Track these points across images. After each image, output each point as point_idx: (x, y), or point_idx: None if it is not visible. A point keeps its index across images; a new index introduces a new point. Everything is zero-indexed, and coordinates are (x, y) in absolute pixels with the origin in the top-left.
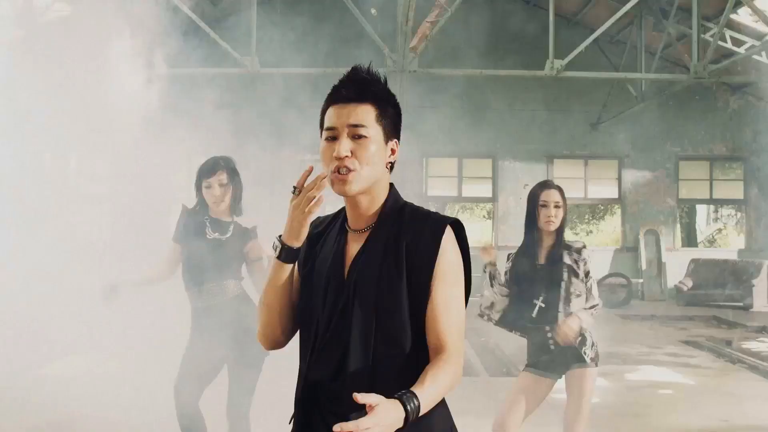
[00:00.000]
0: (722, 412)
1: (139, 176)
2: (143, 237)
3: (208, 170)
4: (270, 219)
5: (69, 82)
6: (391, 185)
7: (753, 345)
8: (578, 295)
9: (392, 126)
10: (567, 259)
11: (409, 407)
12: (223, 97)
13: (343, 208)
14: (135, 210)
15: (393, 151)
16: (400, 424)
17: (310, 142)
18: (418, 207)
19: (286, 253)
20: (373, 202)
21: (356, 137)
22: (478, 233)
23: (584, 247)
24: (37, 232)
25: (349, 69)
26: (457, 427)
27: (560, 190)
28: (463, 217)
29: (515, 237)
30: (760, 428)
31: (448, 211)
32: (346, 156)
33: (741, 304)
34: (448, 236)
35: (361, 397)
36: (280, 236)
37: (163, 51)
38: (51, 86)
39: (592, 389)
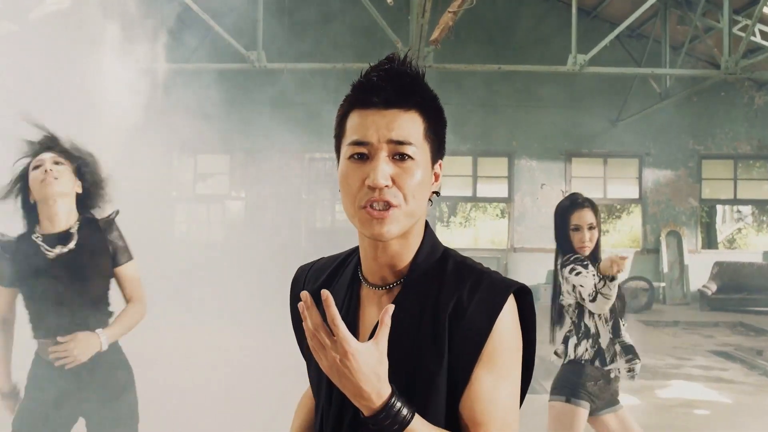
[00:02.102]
0: None
1: (141, 173)
2: (144, 235)
3: (37, 148)
4: (271, 226)
5: (67, 78)
6: (426, 224)
7: None
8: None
9: (440, 142)
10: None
11: (393, 401)
12: (228, 93)
13: (355, 250)
14: (137, 208)
15: (437, 177)
16: (373, 400)
17: (317, 139)
18: (466, 258)
19: None
20: (406, 249)
21: (398, 158)
22: (493, 234)
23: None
24: None
25: (382, 60)
26: None
27: (593, 207)
28: (475, 216)
29: (533, 238)
30: None
31: (460, 211)
32: (386, 185)
33: (767, 308)
34: (509, 310)
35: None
36: None
37: (166, 45)
38: (48, 82)
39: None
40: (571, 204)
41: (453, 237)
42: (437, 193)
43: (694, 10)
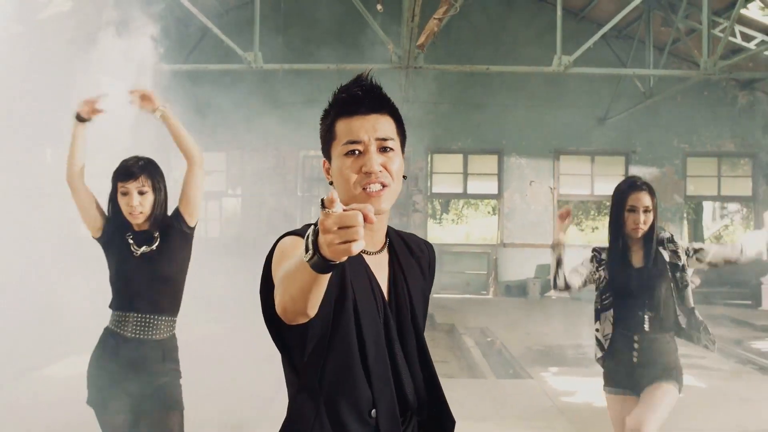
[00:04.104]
0: (736, 418)
1: None
2: None
3: (125, 172)
4: (269, 224)
5: (68, 78)
6: None
7: (763, 345)
8: (686, 285)
9: (404, 138)
10: (666, 257)
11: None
12: (224, 93)
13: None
14: None
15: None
16: None
17: (312, 138)
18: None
19: (322, 266)
20: (384, 222)
21: (384, 150)
22: (483, 230)
23: (672, 235)
24: (38, 229)
25: (354, 78)
26: (465, 430)
27: (650, 190)
28: (467, 213)
29: (522, 234)
30: None
31: (452, 208)
32: (379, 171)
33: (750, 302)
34: None
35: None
36: (315, 232)
37: (164, 46)
38: (51, 82)
39: (667, 404)
40: (629, 186)
41: (445, 233)
42: (405, 176)
43: (677, 12)
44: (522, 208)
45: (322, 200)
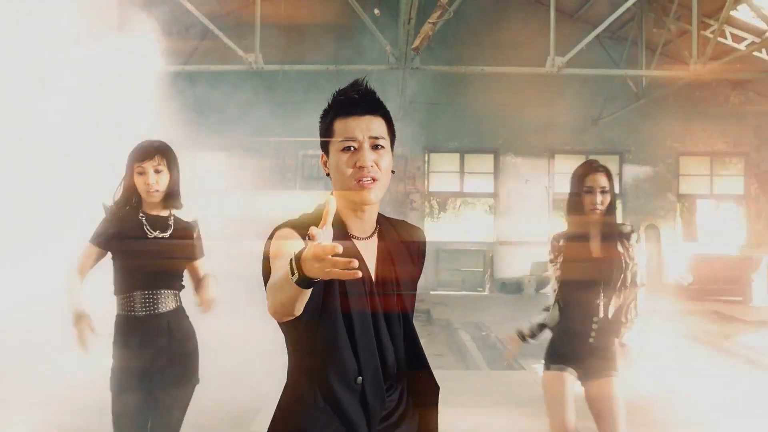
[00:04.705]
0: (723, 408)
1: None
2: None
3: (142, 153)
4: (268, 221)
5: (72, 77)
6: None
7: (751, 339)
8: (626, 287)
9: (393, 137)
10: (620, 248)
11: None
12: (226, 93)
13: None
14: None
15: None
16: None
17: (311, 137)
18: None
19: (307, 284)
20: (375, 211)
21: (376, 148)
22: (479, 228)
23: (632, 231)
24: (40, 226)
25: (352, 83)
26: (459, 419)
27: (607, 172)
28: (464, 212)
29: (517, 232)
30: (762, 424)
31: (450, 206)
32: (371, 166)
33: (740, 298)
34: None
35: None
36: (299, 258)
37: (167, 47)
38: (53, 81)
39: (622, 406)
40: (585, 169)
41: (442, 231)
42: (393, 171)
43: (669, 14)
44: (518, 206)
45: (307, 235)
